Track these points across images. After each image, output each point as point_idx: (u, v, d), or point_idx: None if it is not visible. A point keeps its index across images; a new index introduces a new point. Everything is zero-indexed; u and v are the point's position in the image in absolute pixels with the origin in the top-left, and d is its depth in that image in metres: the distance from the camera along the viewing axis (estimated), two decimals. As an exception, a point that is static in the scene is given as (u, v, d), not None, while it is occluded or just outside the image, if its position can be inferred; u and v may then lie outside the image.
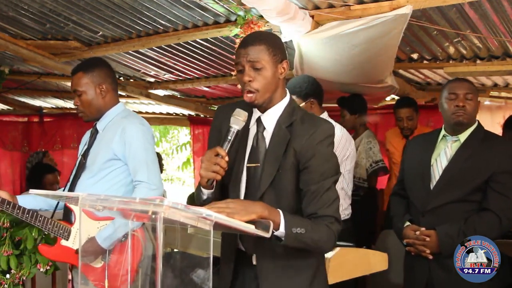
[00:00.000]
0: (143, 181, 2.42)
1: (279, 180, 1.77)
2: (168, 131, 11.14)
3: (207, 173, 1.68)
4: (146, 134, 2.51)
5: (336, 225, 1.74)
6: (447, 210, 2.48)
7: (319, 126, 1.79)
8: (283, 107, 1.85)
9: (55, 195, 2.17)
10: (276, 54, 1.79)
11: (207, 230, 1.42)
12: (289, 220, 1.65)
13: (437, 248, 2.45)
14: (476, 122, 2.59)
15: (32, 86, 5.57)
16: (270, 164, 1.78)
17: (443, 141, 2.60)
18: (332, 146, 1.81)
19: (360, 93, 4.37)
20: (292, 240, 1.65)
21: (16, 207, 2.42)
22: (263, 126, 1.84)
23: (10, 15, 3.43)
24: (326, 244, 1.75)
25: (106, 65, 2.69)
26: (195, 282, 2.35)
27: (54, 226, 2.47)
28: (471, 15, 3.08)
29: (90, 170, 2.55)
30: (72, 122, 6.76)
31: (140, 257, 2.40)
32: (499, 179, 2.42)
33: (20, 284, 2.64)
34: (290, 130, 1.79)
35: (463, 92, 2.52)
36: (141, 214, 1.50)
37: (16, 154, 6.67)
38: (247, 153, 1.84)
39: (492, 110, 5.32)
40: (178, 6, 3.18)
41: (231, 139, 1.72)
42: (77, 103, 2.62)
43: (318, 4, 3.04)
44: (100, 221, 2.45)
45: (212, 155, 1.68)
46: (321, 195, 1.73)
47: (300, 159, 1.77)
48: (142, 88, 5.35)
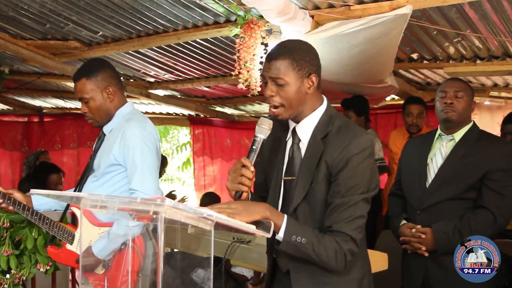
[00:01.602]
0: (137, 189, 2.33)
1: (312, 193, 1.70)
2: (168, 131, 11.14)
3: (233, 185, 1.63)
4: (146, 138, 2.39)
5: (349, 244, 1.64)
6: (443, 208, 2.50)
7: (354, 138, 1.68)
8: (319, 117, 1.76)
9: (55, 195, 2.15)
10: (302, 68, 1.69)
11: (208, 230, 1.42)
12: (292, 227, 1.60)
13: (433, 246, 2.48)
14: (472, 121, 2.62)
15: (32, 86, 5.57)
16: (304, 177, 1.71)
17: (439, 140, 2.64)
18: (368, 160, 1.69)
19: (360, 93, 4.38)
20: (291, 248, 1.61)
21: (26, 208, 2.41)
22: (298, 137, 1.77)
23: (10, 15, 3.43)
24: (330, 262, 1.64)
25: (109, 66, 2.56)
26: (195, 282, 2.35)
27: (60, 229, 2.45)
28: (471, 15, 3.08)
29: (95, 174, 2.51)
30: (72, 122, 6.77)
31: (139, 266, 2.35)
32: (494, 177, 2.44)
33: (20, 284, 2.64)
34: (325, 142, 1.71)
35: (452, 90, 2.57)
36: (142, 214, 1.50)
37: (16, 154, 6.68)
38: (285, 166, 1.79)
39: (492, 110, 5.32)
40: (178, 6, 3.18)
41: (256, 148, 1.67)
42: (85, 110, 2.50)
43: (318, 4, 3.04)
44: (101, 227, 2.41)
45: (238, 166, 1.63)
46: (343, 210, 1.64)
47: (332, 172, 1.68)
48: (142, 88, 5.35)
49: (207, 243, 2.50)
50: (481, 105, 5.33)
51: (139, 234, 2.39)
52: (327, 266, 1.67)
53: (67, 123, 6.82)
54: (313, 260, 1.64)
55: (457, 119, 2.55)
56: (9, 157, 6.65)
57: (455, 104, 2.54)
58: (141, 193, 2.31)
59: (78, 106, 6.47)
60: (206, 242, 2.88)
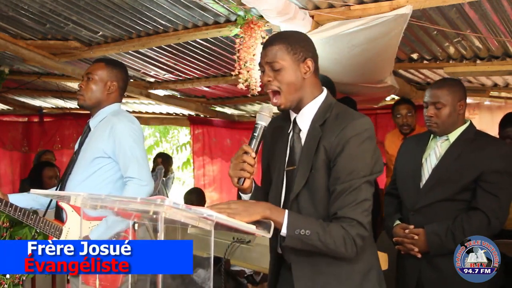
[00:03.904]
0: (134, 177, 2.44)
1: (313, 180, 1.69)
2: (168, 131, 11.13)
3: (235, 172, 1.66)
4: (135, 131, 2.53)
5: (357, 228, 1.61)
6: (436, 209, 2.49)
7: (351, 120, 1.67)
8: (318, 105, 1.76)
9: (55, 195, 2.17)
10: (297, 52, 1.71)
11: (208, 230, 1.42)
12: (293, 221, 1.59)
13: (425, 247, 2.46)
14: (468, 121, 2.58)
15: (32, 86, 5.57)
16: (303, 164, 1.71)
17: (434, 140, 2.61)
18: (367, 143, 1.66)
19: (360, 93, 4.37)
20: (296, 242, 1.60)
21: (8, 205, 2.42)
22: (298, 127, 1.78)
23: (10, 15, 3.43)
24: (339, 249, 1.60)
25: (127, 73, 2.79)
26: (195, 281, 2.35)
27: (46, 224, 2.48)
28: (471, 15, 3.08)
29: (78, 167, 2.57)
30: (72, 122, 6.78)
31: None
32: (489, 178, 2.41)
33: (20, 284, 2.64)
34: (323, 128, 1.71)
35: (430, 101, 2.53)
36: (142, 214, 1.50)
37: (16, 154, 6.69)
38: (287, 157, 1.80)
39: (492, 110, 5.32)
40: (178, 6, 3.18)
41: (257, 135, 1.69)
42: (82, 85, 2.64)
43: (318, 4, 3.04)
44: (91, 221, 2.45)
45: (240, 153, 1.66)
46: (346, 195, 1.62)
47: (330, 157, 1.67)
48: (142, 88, 5.35)
49: (207, 243, 2.49)
50: (481, 105, 5.34)
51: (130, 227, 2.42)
52: (337, 254, 1.63)
53: (67, 123, 6.83)
54: (322, 251, 1.61)
55: (440, 129, 2.53)
56: (9, 157, 6.65)
57: (436, 115, 2.51)
58: (138, 180, 2.43)
59: (78, 106, 6.47)
60: (206, 242, 2.88)
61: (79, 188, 2.49)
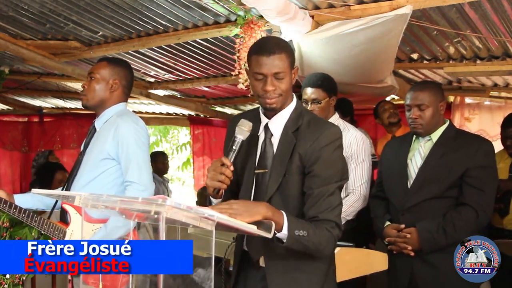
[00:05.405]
0: (134, 181, 2.39)
1: (286, 184, 1.79)
2: (168, 131, 11.12)
3: (213, 183, 1.71)
4: (140, 133, 2.48)
5: (336, 230, 1.75)
6: (426, 207, 2.55)
7: (324, 130, 1.79)
8: (290, 112, 1.86)
9: (56, 194, 2.16)
10: (292, 61, 1.82)
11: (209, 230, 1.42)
12: (292, 222, 1.66)
13: (418, 245, 2.52)
14: (447, 121, 2.66)
15: (32, 86, 5.57)
16: (277, 169, 1.80)
17: (417, 141, 2.68)
18: (338, 151, 1.81)
19: (360, 93, 4.37)
20: (294, 242, 1.66)
21: (13, 207, 2.41)
22: (270, 132, 1.86)
23: (10, 15, 3.43)
24: (325, 248, 1.74)
25: (131, 71, 2.76)
26: (196, 281, 2.35)
27: (50, 226, 2.46)
28: (471, 15, 3.08)
29: (84, 169, 2.53)
30: (72, 122, 6.77)
31: None
32: (474, 174, 2.49)
33: (20, 284, 2.64)
34: (296, 135, 1.81)
35: (414, 104, 2.59)
36: (143, 214, 1.50)
37: (16, 154, 6.68)
38: (257, 160, 1.86)
39: (492, 110, 5.32)
40: (178, 6, 3.18)
41: (236, 149, 1.74)
42: (85, 85, 2.61)
43: (318, 4, 3.04)
44: (95, 224, 2.42)
45: (218, 165, 1.71)
46: (324, 199, 1.74)
47: (305, 164, 1.78)
48: (142, 88, 5.35)
49: (207, 243, 2.49)
50: (481, 105, 5.34)
51: (134, 228, 2.42)
52: (320, 254, 1.76)
53: (67, 123, 6.82)
54: (309, 250, 1.71)
55: (425, 130, 2.61)
56: (9, 157, 6.64)
57: (420, 117, 2.58)
58: (137, 184, 2.38)
59: (78, 106, 6.47)
60: (206, 242, 2.88)
61: (84, 190, 2.43)
